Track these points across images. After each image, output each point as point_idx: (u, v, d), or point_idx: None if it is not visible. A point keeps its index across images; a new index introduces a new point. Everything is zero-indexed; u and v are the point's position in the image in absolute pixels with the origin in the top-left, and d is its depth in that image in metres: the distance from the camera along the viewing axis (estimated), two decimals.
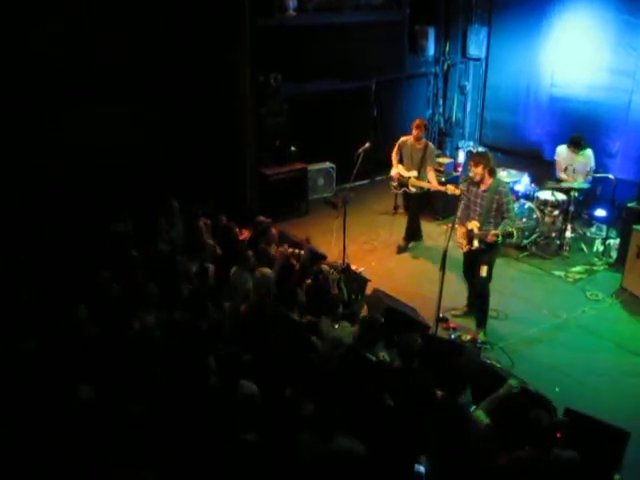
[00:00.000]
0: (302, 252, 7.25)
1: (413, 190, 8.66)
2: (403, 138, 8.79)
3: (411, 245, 9.18)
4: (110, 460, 3.89)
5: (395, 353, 5.37)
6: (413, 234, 9.19)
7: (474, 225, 6.65)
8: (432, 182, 8.53)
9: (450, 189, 8.14)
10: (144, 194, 8.21)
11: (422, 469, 4.00)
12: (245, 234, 7.93)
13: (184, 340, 5.18)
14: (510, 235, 6.40)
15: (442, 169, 10.04)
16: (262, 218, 7.77)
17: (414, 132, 8.57)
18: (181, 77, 8.91)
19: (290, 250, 7.17)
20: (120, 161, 8.41)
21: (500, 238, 6.43)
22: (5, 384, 4.54)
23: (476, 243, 6.65)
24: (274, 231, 7.60)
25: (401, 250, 9.08)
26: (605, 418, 4.74)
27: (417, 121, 8.65)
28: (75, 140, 8.11)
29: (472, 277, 7.06)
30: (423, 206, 9.21)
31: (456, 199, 7.50)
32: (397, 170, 8.76)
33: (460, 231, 6.85)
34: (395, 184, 8.87)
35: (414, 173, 8.58)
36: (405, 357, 5.16)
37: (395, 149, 8.83)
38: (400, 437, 4.25)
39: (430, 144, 8.76)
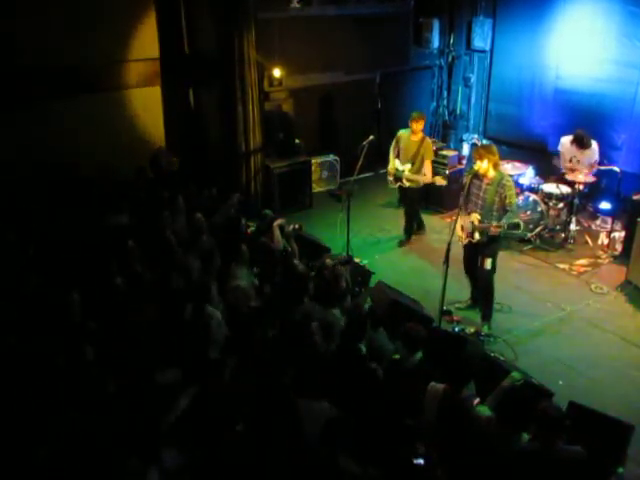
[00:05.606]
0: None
1: (407, 184, 8.58)
2: (401, 131, 8.71)
3: (414, 237, 9.17)
4: None
5: (400, 344, 5.35)
6: (418, 226, 9.22)
7: (475, 218, 6.60)
8: (427, 175, 8.43)
9: (438, 180, 8.30)
10: (145, 186, 8.22)
11: (421, 462, 3.98)
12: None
13: None
14: (516, 226, 6.22)
15: (446, 162, 10.00)
16: (268, 211, 7.76)
17: (412, 126, 8.43)
18: (185, 70, 8.91)
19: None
20: (121, 152, 8.42)
21: (504, 229, 6.35)
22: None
23: (477, 235, 6.60)
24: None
25: (402, 244, 9.08)
26: (609, 411, 4.74)
27: (414, 115, 8.48)
28: (75, 128, 8.14)
29: (473, 270, 7.01)
30: (420, 200, 9.10)
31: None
32: (393, 165, 8.67)
33: (459, 224, 6.78)
34: (391, 179, 8.78)
35: (408, 166, 8.48)
36: (409, 346, 5.14)
37: (393, 143, 8.74)
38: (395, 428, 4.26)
39: (427, 138, 8.64)
